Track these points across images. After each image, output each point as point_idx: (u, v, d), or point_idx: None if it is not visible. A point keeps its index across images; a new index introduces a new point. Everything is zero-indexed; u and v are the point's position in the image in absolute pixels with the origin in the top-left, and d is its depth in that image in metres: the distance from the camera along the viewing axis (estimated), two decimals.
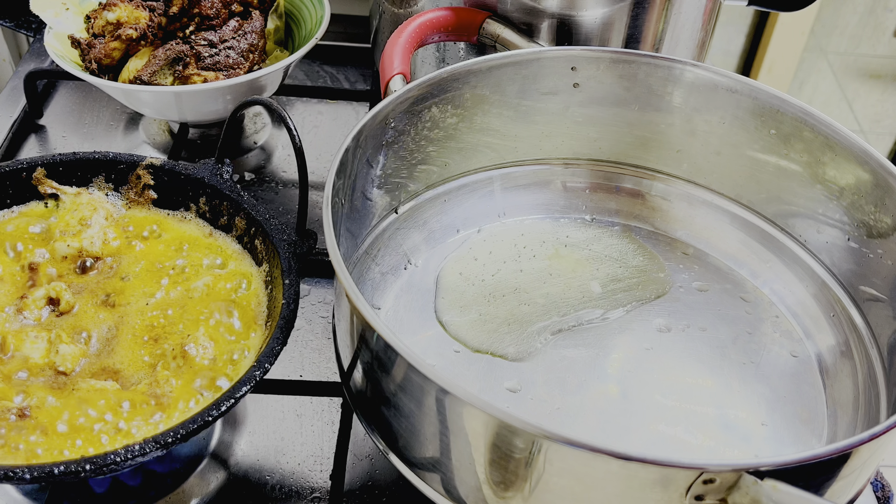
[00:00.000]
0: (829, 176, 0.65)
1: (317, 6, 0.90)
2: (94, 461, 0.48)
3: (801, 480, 0.43)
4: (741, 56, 1.82)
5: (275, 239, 0.62)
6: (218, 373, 0.57)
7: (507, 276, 0.69)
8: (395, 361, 0.49)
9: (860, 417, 0.60)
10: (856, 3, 1.79)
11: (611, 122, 0.74)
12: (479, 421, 0.46)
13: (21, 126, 0.90)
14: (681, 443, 0.59)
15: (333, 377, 0.69)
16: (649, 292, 0.69)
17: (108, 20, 0.83)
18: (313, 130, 0.94)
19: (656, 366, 0.63)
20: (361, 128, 0.61)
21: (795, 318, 0.68)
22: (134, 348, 0.59)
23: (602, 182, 0.76)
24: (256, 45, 0.85)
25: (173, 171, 0.68)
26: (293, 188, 0.87)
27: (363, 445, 0.65)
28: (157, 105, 0.82)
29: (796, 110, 0.66)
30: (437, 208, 0.73)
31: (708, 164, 0.73)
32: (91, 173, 0.68)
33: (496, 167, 0.75)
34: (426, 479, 0.51)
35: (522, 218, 0.75)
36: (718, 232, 0.73)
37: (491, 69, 0.69)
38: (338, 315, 0.57)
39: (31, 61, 1.00)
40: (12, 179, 0.66)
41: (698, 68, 0.69)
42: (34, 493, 0.60)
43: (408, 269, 0.69)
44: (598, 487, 0.45)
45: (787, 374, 0.64)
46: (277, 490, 0.62)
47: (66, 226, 0.65)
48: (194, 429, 0.50)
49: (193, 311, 0.61)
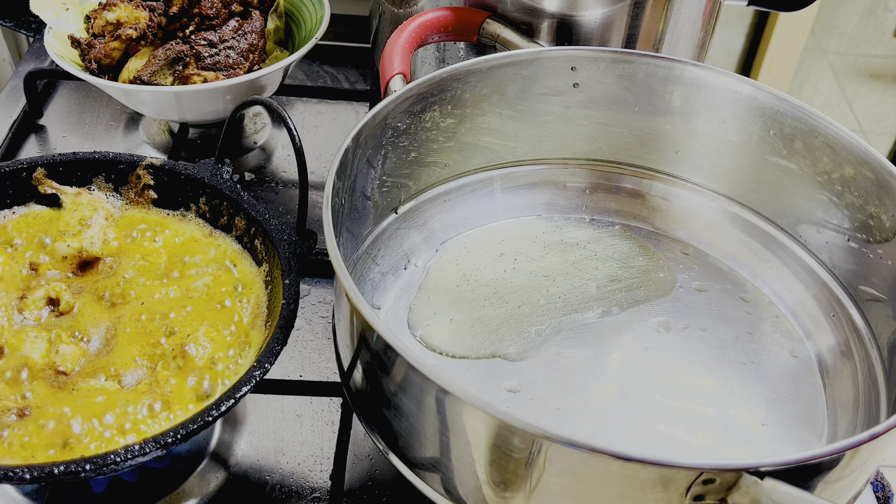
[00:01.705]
0: (829, 176, 0.65)
1: (317, 6, 0.90)
2: (94, 461, 0.48)
3: (801, 480, 0.44)
4: (741, 56, 1.82)
5: (275, 239, 0.62)
6: (218, 373, 0.57)
7: (506, 277, 0.69)
8: (395, 361, 0.49)
9: (860, 417, 0.60)
10: (856, 3, 1.79)
11: (611, 122, 0.74)
12: (479, 421, 0.46)
13: (21, 126, 0.90)
14: (681, 443, 0.59)
15: (333, 377, 0.69)
16: (649, 292, 0.69)
17: (108, 20, 0.83)
18: (313, 130, 0.94)
19: (656, 366, 0.63)
20: (361, 128, 0.61)
21: (795, 318, 0.68)
22: (133, 348, 0.59)
23: (602, 182, 0.76)
24: (256, 45, 0.85)
25: (173, 171, 0.68)
26: (293, 188, 0.87)
27: (363, 445, 0.65)
28: (157, 105, 0.82)
29: (796, 110, 0.66)
30: (437, 208, 0.73)
31: (708, 164, 0.73)
32: (91, 173, 0.68)
33: (496, 167, 0.75)
34: (426, 479, 0.51)
35: (522, 218, 0.75)
36: (718, 232, 0.73)
37: (491, 69, 0.69)
38: (338, 315, 0.57)
39: (31, 61, 1.00)
40: (12, 179, 0.66)
41: (698, 68, 0.69)
42: (34, 493, 0.60)
43: (408, 269, 0.69)
44: (598, 487, 0.45)
45: (787, 374, 0.64)
46: (277, 490, 0.62)
47: (67, 226, 0.65)
48: (194, 429, 0.50)
49: (193, 312, 0.61)
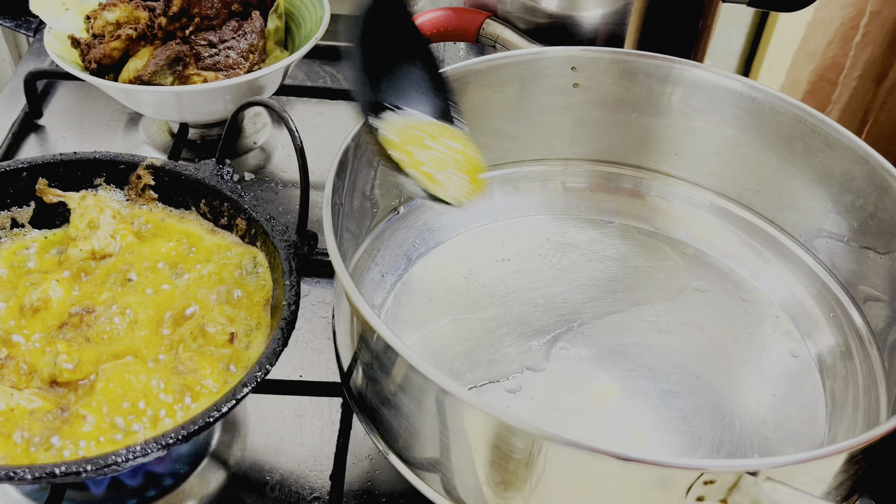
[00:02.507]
0: (828, 176, 0.65)
1: (317, 6, 0.90)
2: (95, 461, 0.48)
3: (801, 481, 0.44)
4: (741, 56, 1.82)
5: (276, 240, 0.62)
6: (241, 349, 0.58)
7: (506, 277, 0.69)
8: (394, 362, 0.49)
9: (860, 417, 0.60)
10: None
11: (610, 122, 0.74)
12: (479, 421, 0.46)
13: (21, 126, 0.90)
14: (681, 443, 0.59)
15: (333, 377, 0.69)
16: (649, 292, 0.69)
17: (108, 20, 0.83)
18: (313, 130, 0.94)
19: (656, 366, 0.63)
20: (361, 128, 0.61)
21: (795, 318, 0.68)
22: (152, 335, 0.60)
23: (602, 182, 0.76)
24: (256, 45, 0.85)
25: (174, 171, 0.68)
26: (293, 188, 0.87)
27: (363, 445, 0.65)
28: (157, 105, 0.82)
29: (796, 110, 0.66)
30: (437, 208, 0.72)
31: (708, 164, 0.73)
32: (92, 173, 0.68)
33: (496, 167, 0.75)
34: (426, 479, 0.51)
35: (522, 218, 0.75)
36: (718, 232, 0.73)
37: (491, 69, 0.69)
38: (338, 315, 0.57)
39: (31, 61, 1.00)
40: (12, 180, 0.66)
41: (698, 68, 0.69)
42: (34, 493, 0.60)
43: (408, 269, 0.69)
44: (598, 488, 0.45)
45: (787, 374, 0.64)
46: (277, 490, 0.62)
47: (77, 231, 0.65)
48: (195, 430, 0.50)
49: (206, 297, 0.62)
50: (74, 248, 0.64)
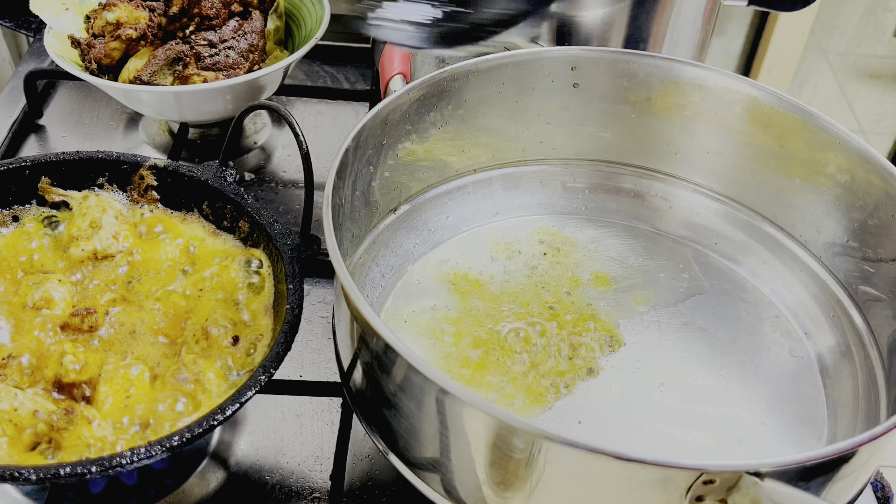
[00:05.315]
0: (828, 176, 0.65)
1: (317, 6, 0.90)
2: (99, 462, 0.48)
3: (801, 481, 0.44)
4: (741, 56, 1.82)
5: (278, 243, 0.62)
6: (243, 352, 0.58)
7: (507, 277, 0.69)
8: (395, 362, 0.49)
9: (860, 417, 0.60)
10: (856, 3, 1.79)
11: (610, 122, 0.74)
12: (479, 421, 0.46)
13: (21, 126, 0.90)
14: (681, 443, 0.59)
15: (333, 377, 0.69)
16: (649, 292, 0.69)
17: (108, 20, 0.83)
18: (313, 130, 0.94)
19: (656, 365, 0.63)
20: (361, 128, 0.61)
21: (795, 318, 0.68)
22: (155, 339, 0.60)
23: (602, 182, 0.76)
24: (256, 45, 0.85)
25: (177, 172, 0.68)
26: (293, 188, 0.87)
27: (363, 445, 0.65)
28: (157, 105, 0.82)
29: (796, 110, 0.66)
30: (437, 208, 0.73)
31: (708, 165, 0.73)
32: (94, 173, 0.68)
33: (496, 167, 0.75)
34: (426, 479, 0.51)
35: (522, 218, 0.75)
36: (718, 232, 0.73)
37: (491, 69, 0.69)
38: (338, 315, 0.57)
39: (31, 61, 1.00)
40: (13, 179, 0.66)
41: (698, 68, 0.69)
42: (34, 493, 0.60)
43: (408, 269, 0.69)
44: (598, 488, 0.45)
45: (787, 374, 0.64)
46: (277, 490, 0.62)
47: (79, 230, 0.65)
48: (199, 433, 0.51)
49: (208, 299, 0.62)
50: (76, 248, 0.64)
